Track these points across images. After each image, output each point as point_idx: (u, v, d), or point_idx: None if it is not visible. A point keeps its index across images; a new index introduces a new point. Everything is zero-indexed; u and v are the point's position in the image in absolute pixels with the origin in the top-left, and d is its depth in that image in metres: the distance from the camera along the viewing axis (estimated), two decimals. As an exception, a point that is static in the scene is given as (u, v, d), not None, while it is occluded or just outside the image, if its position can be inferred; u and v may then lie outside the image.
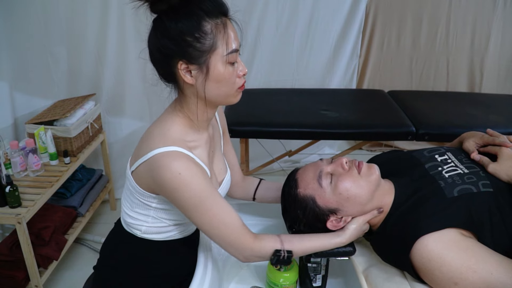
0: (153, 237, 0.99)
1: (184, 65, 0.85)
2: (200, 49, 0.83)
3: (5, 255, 1.70)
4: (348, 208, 0.96)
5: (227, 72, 0.86)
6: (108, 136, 2.37)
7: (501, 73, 2.96)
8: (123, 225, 1.03)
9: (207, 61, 0.84)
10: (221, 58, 0.84)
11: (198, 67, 0.85)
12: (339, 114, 1.98)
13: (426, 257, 0.86)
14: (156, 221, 0.97)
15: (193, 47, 0.82)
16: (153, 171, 0.86)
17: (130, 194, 0.96)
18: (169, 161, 0.84)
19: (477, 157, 1.01)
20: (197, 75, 0.86)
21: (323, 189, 0.96)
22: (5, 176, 1.57)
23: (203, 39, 0.82)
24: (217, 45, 0.83)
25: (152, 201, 0.94)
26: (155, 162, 0.85)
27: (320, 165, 1.00)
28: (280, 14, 2.50)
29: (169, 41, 0.83)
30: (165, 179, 0.84)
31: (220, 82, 0.87)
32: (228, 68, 0.86)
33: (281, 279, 1.06)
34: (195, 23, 0.81)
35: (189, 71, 0.85)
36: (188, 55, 0.83)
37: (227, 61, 0.85)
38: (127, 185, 0.96)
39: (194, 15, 0.81)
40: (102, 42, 2.20)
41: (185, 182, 0.84)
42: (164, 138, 0.88)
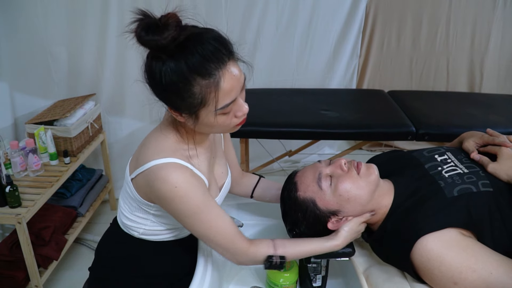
0: (150, 238, 0.99)
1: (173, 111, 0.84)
2: (189, 105, 0.80)
3: (5, 255, 1.70)
4: (348, 209, 0.96)
5: (220, 120, 0.83)
6: (108, 136, 2.37)
7: (501, 73, 2.96)
8: (120, 225, 1.03)
9: (197, 113, 0.82)
10: (211, 112, 0.81)
11: (187, 115, 0.83)
12: (339, 114, 1.98)
13: (425, 257, 0.86)
14: (155, 224, 0.97)
15: (181, 101, 0.80)
16: (150, 182, 0.86)
17: (130, 198, 0.96)
18: (166, 174, 0.83)
19: (477, 156, 1.01)
20: (187, 119, 0.84)
21: (323, 191, 0.96)
22: (5, 176, 1.57)
23: (191, 98, 0.79)
24: (207, 102, 0.79)
25: (150, 208, 0.94)
26: (152, 174, 0.85)
27: (319, 167, 0.99)
28: (280, 14, 2.50)
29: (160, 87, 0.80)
30: (162, 191, 0.84)
31: (212, 127, 0.86)
32: (220, 117, 0.83)
33: (281, 279, 1.07)
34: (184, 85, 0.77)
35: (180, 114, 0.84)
36: (176, 106, 0.82)
37: (219, 113, 0.82)
38: (127, 189, 0.96)
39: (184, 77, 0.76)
40: (102, 42, 2.20)
41: (182, 195, 0.84)
42: (162, 149, 0.87)
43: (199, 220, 0.87)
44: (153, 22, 0.74)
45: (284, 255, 0.94)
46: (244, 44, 2.46)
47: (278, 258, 0.93)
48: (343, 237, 0.97)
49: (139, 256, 1.02)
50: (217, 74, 0.77)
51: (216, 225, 0.89)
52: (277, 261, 0.93)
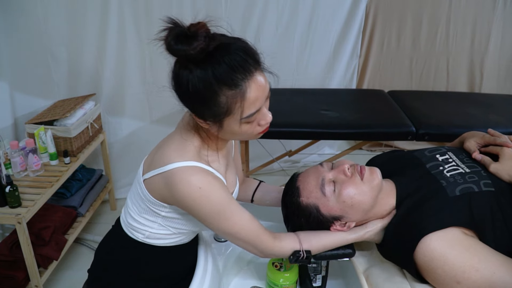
0: (153, 242, 0.99)
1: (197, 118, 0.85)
2: (214, 114, 0.81)
3: (5, 255, 1.70)
4: (352, 214, 0.96)
5: (244, 129, 0.85)
6: (108, 136, 2.37)
7: (501, 73, 2.96)
8: (123, 227, 1.02)
9: (221, 121, 0.83)
10: (236, 121, 0.82)
11: (212, 122, 0.84)
12: (339, 114, 1.98)
13: (428, 256, 0.86)
14: (162, 228, 0.97)
15: (207, 110, 0.81)
16: (171, 185, 0.86)
17: (140, 199, 0.95)
18: (188, 176, 0.84)
19: (479, 156, 1.01)
20: (211, 126, 0.86)
21: (327, 198, 0.95)
22: (5, 176, 1.57)
23: (217, 107, 0.80)
24: (232, 112, 0.80)
25: (162, 210, 0.93)
26: (173, 176, 0.85)
27: (322, 171, 0.98)
28: (280, 14, 2.50)
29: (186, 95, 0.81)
30: (184, 194, 0.85)
31: (235, 135, 0.88)
32: (244, 126, 0.84)
33: (281, 279, 1.07)
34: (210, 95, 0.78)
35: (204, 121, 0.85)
36: (202, 114, 0.84)
37: (243, 122, 0.83)
38: (137, 190, 0.96)
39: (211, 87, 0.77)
40: (102, 42, 2.20)
41: (205, 196, 0.85)
42: (184, 152, 0.88)
43: (224, 218, 0.88)
44: (183, 32, 0.75)
45: (310, 249, 0.96)
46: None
47: (304, 253, 0.95)
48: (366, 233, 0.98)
49: (139, 260, 1.02)
50: (244, 84, 0.78)
51: (240, 221, 0.90)
52: (304, 255, 0.95)
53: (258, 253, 0.95)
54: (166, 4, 2.22)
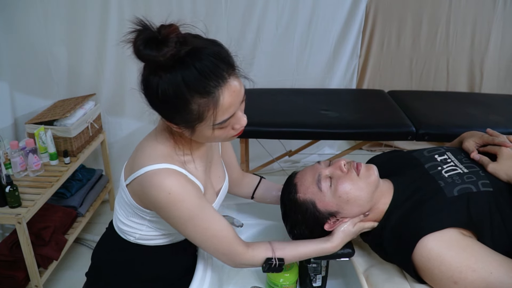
0: (146, 243, 0.99)
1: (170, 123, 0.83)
2: (186, 120, 0.79)
3: (5, 255, 1.70)
4: (347, 210, 0.96)
5: (216, 133, 0.82)
6: (108, 136, 2.37)
7: (501, 73, 2.96)
8: (116, 230, 1.02)
9: (194, 127, 0.80)
10: (209, 127, 0.80)
11: (184, 127, 0.82)
12: (339, 114, 1.98)
13: (425, 256, 0.86)
14: (151, 230, 0.97)
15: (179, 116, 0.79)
16: (145, 188, 0.85)
17: (125, 203, 0.95)
18: (160, 180, 0.83)
19: (477, 156, 1.01)
20: (184, 130, 0.83)
21: (323, 193, 0.95)
22: (5, 176, 1.57)
23: (189, 114, 0.77)
24: (204, 119, 0.78)
25: (146, 214, 0.93)
26: (146, 180, 0.84)
27: (319, 168, 0.99)
28: (280, 14, 2.50)
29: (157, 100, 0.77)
30: (156, 198, 0.83)
31: (209, 139, 0.86)
32: (216, 131, 0.82)
33: (281, 279, 1.07)
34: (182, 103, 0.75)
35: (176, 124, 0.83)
36: (173, 119, 0.81)
37: (216, 128, 0.80)
38: (122, 195, 0.95)
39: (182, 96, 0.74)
40: (102, 42, 2.20)
41: (176, 201, 0.83)
42: (156, 155, 0.86)
43: (194, 226, 0.87)
44: (153, 36, 0.71)
45: (283, 257, 0.95)
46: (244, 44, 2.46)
47: (277, 261, 0.93)
48: (339, 239, 0.97)
49: (135, 260, 1.01)
50: (216, 92, 0.75)
51: (212, 230, 0.89)
52: (276, 263, 0.93)
53: (229, 262, 0.94)
54: (166, 4, 2.22)
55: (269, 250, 0.94)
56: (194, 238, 0.89)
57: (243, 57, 0.87)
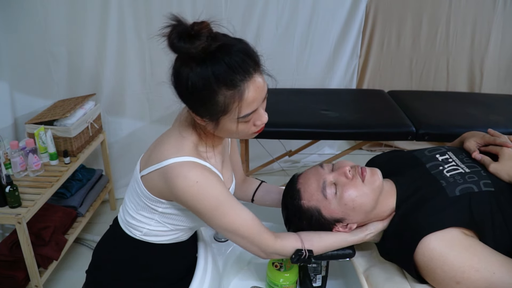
0: (151, 240, 0.99)
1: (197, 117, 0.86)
2: (211, 112, 0.82)
3: (5, 255, 1.70)
4: (353, 216, 0.95)
5: (239, 128, 0.85)
6: (108, 136, 2.37)
7: (501, 73, 2.97)
8: (121, 225, 1.02)
9: (218, 119, 0.84)
10: (233, 120, 0.83)
11: (208, 119, 0.85)
12: (339, 114, 1.98)
13: (428, 256, 0.86)
14: (159, 225, 0.97)
15: (204, 107, 0.82)
16: (168, 181, 0.86)
17: (137, 196, 0.95)
18: (185, 171, 0.84)
19: (479, 156, 1.01)
20: (208, 124, 0.86)
21: (328, 201, 0.95)
22: (5, 176, 1.57)
23: (214, 106, 0.81)
24: (229, 111, 0.81)
25: (159, 206, 0.93)
26: (170, 172, 0.85)
27: (322, 173, 0.98)
28: (280, 14, 2.50)
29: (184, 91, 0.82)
30: (182, 189, 0.84)
31: (231, 133, 0.88)
32: (240, 125, 0.85)
33: (281, 279, 1.06)
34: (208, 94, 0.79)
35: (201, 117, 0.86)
36: (198, 111, 0.84)
37: (240, 122, 0.84)
38: (134, 187, 0.96)
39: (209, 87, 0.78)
40: (102, 42, 2.20)
41: (203, 191, 0.84)
42: (179, 147, 0.88)
43: (223, 213, 0.88)
44: (186, 30, 0.75)
45: (312, 249, 0.95)
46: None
47: (306, 252, 0.94)
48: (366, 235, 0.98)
49: (137, 258, 1.02)
50: (242, 85, 0.79)
51: (241, 218, 0.89)
52: (306, 254, 0.94)
53: (260, 252, 0.94)
54: (166, 4, 2.22)
55: (298, 241, 0.95)
56: (223, 227, 0.89)
57: None
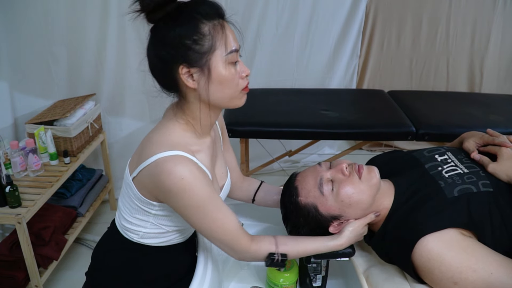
0: (149, 242, 0.99)
1: (185, 69, 0.84)
2: (200, 51, 0.82)
3: (5, 255, 1.70)
4: (350, 213, 0.96)
5: (229, 73, 0.85)
6: (108, 136, 2.37)
7: (501, 73, 2.96)
8: (118, 228, 1.02)
9: (208, 62, 0.83)
10: (222, 59, 0.84)
11: (199, 70, 0.84)
12: (339, 114, 1.98)
13: (425, 257, 0.86)
14: (155, 227, 0.96)
15: (192, 49, 0.82)
16: (154, 176, 0.85)
17: (129, 199, 0.95)
18: (172, 166, 0.83)
19: (477, 156, 1.01)
20: (199, 78, 0.85)
21: (325, 197, 0.95)
22: (5, 176, 1.57)
23: (202, 40, 0.82)
24: (216, 46, 0.83)
25: (152, 208, 0.93)
26: (157, 167, 0.84)
27: (320, 171, 0.98)
28: (280, 14, 2.50)
29: (169, 47, 0.83)
30: (167, 184, 0.83)
31: (222, 84, 0.86)
32: (229, 68, 0.85)
33: (281, 279, 1.07)
34: (193, 26, 0.82)
35: (191, 75, 0.84)
36: (188, 58, 0.83)
37: (228, 62, 0.84)
38: (127, 191, 0.95)
39: (191, 19, 0.82)
40: (102, 42, 2.20)
41: (188, 187, 0.83)
42: (166, 142, 0.87)
43: (203, 214, 0.86)
44: None
45: (286, 253, 0.94)
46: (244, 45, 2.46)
47: (279, 256, 0.93)
48: (346, 238, 0.96)
49: (136, 261, 1.01)
50: (219, 21, 0.84)
51: (221, 220, 0.89)
52: (279, 258, 0.93)
53: (233, 254, 0.94)
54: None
55: (272, 245, 0.94)
56: (201, 227, 0.89)
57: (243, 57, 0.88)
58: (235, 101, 0.90)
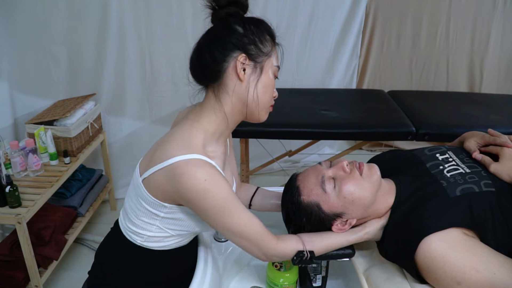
0: (152, 246, 0.98)
1: (243, 59, 0.88)
2: (261, 50, 0.90)
3: (5, 255, 1.70)
4: (352, 211, 0.96)
5: (273, 82, 0.94)
6: (108, 136, 2.37)
7: (501, 73, 2.97)
8: (122, 230, 1.01)
9: (263, 63, 0.91)
10: (272, 67, 0.93)
11: (254, 66, 0.90)
12: (339, 114, 1.98)
13: (429, 257, 0.86)
14: (160, 231, 0.96)
15: (256, 45, 0.90)
16: (174, 179, 0.84)
17: (137, 202, 0.94)
18: (193, 169, 0.83)
19: (479, 156, 1.01)
20: (250, 74, 0.90)
21: (328, 194, 0.95)
22: (5, 176, 1.57)
23: (265, 43, 0.91)
24: (271, 54, 0.93)
25: (161, 210, 0.92)
26: (177, 169, 0.84)
27: (321, 169, 0.99)
28: (280, 14, 2.50)
29: (236, 35, 0.89)
30: (189, 187, 0.83)
31: (266, 87, 0.92)
32: (271, 81, 0.94)
33: (281, 279, 1.06)
34: (262, 29, 0.92)
35: (243, 68, 0.89)
36: (250, 51, 0.89)
37: (273, 72, 0.94)
38: (134, 192, 0.94)
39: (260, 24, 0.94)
40: (102, 42, 2.20)
41: (210, 190, 0.83)
42: (186, 145, 0.87)
43: (229, 214, 0.87)
44: None
45: (313, 250, 0.95)
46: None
47: (308, 253, 0.94)
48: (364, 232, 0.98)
49: (138, 263, 1.01)
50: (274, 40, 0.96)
51: (246, 219, 0.89)
52: (308, 256, 0.94)
53: (260, 254, 0.94)
54: (166, 4, 2.22)
55: (299, 243, 0.95)
56: (228, 228, 0.89)
57: None
58: (263, 112, 0.96)
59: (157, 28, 2.25)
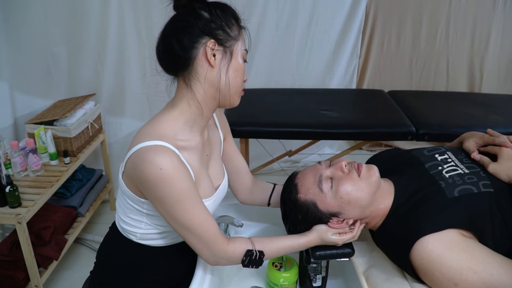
0: (148, 243, 0.98)
1: (212, 45, 0.86)
2: (229, 34, 0.88)
3: (5, 255, 1.70)
4: (349, 211, 0.96)
5: (243, 66, 0.92)
6: (108, 136, 2.37)
7: (501, 73, 2.96)
8: (119, 229, 1.02)
9: (232, 47, 0.88)
10: (240, 50, 0.90)
11: (223, 51, 0.87)
12: (339, 114, 1.98)
13: (426, 258, 0.86)
14: (150, 228, 0.96)
15: (224, 30, 0.87)
16: (135, 166, 0.83)
17: (123, 199, 0.95)
18: (153, 155, 0.81)
19: (478, 156, 1.01)
20: (221, 59, 0.88)
21: (324, 194, 0.95)
22: (5, 176, 1.57)
23: (232, 27, 0.88)
24: (239, 38, 0.90)
25: (142, 206, 0.92)
26: (138, 156, 0.83)
27: (320, 169, 0.99)
28: (280, 14, 2.50)
29: (203, 21, 0.86)
30: (146, 173, 0.81)
31: (237, 72, 0.90)
32: (243, 63, 0.92)
33: (281, 279, 1.07)
34: (228, 13, 0.89)
35: (213, 54, 0.87)
36: (218, 37, 0.87)
37: (242, 56, 0.91)
38: (120, 190, 0.95)
39: (226, 8, 0.89)
40: (102, 42, 2.20)
41: (167, 178, 0.81)
42: (153, 133, 0.86)
43: (183, 209, 0.84)
44: None
45: (262, 250, 0.94)
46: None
47: (257, 252, 0.93)
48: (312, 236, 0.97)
49: (138, 261, 1.01)
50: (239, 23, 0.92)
51: (201, 217, 0.87)
52: (257, 255, 0.93)
53: (209, 255, 0.91)
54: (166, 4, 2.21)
55: (249, 244, 0.94)
56: (180, 223, 0.86)
57: None
58: (235, 97, 0.93)
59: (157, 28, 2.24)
